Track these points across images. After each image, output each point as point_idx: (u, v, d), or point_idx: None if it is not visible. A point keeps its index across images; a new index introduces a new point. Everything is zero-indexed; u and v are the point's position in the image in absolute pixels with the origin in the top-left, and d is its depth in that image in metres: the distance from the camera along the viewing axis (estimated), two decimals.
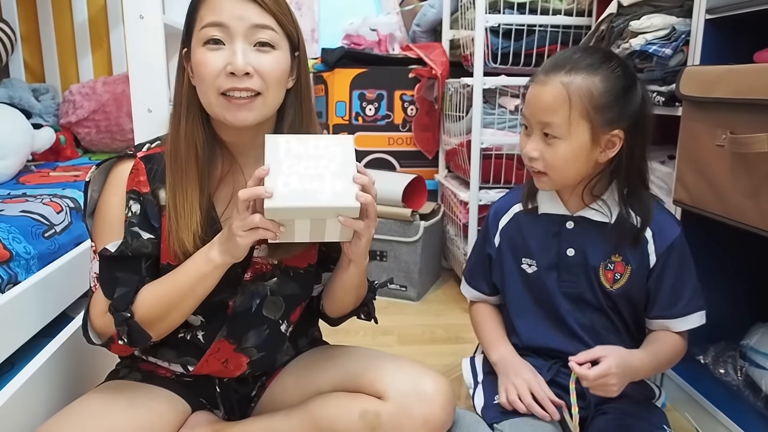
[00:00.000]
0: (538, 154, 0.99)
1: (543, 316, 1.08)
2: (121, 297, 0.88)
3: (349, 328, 1.83)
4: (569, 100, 0.94)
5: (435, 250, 2.30)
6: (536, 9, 2.00)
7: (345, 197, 0.79)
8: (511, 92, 2.05)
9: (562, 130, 0.96)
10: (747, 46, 1.22)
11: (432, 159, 2.54)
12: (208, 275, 0.87)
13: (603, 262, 1.04)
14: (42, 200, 1.29)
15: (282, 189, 0.78)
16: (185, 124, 0.90)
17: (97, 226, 0.92)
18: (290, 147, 0.82)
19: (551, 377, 1.05)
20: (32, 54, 2.31)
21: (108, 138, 2.08)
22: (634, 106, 0.98)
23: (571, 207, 1.06)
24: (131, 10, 1.57)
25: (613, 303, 1.05)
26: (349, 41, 2.71)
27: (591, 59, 0.97)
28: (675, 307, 1.04)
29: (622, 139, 0.97)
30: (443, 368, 1.54)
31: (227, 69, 0.85)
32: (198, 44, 0.86)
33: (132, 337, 0.88)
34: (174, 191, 0.89)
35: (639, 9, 1.46)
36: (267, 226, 0.80)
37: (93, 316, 0.92)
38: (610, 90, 0.95)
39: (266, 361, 1.02)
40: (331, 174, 0.80)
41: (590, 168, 1.00)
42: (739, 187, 1.09)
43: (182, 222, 0.88)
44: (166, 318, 0.89)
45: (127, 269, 0.90)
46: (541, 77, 0.99)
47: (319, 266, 1.04)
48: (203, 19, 0.86)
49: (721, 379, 1.33)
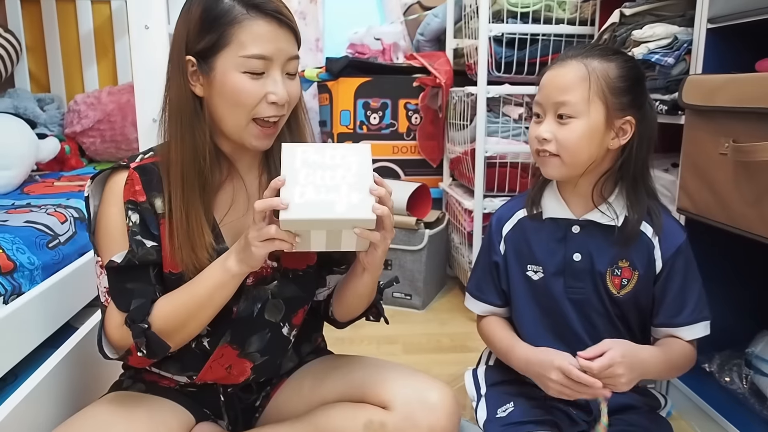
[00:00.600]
0: (551, 136, 0.98)
1: (549, 324, 1.07)
2: (137, 308, 0.88)
3: (354, 338, 1.84)
4: (588, 79, 0.96)
5: (440, 259, 2.29)
6: (539, 18, 2.01)
7: (361, 209, 0.79)
8: (515, 101, 2.05)
9: (579, 107, 0.96)
10: (749, 55, 1.22)
11: (436, 167, 2.54)
12: (225, 284, 0.88)
13: (610, 268, 1.03)
14: (46, 210, 1.29)
15: (297, 200, 0.78)
16: (190, 137, 0.89)
17: (100, 240, 0.92)
18: (307, 156, 0.82)
19: None
20: (37, 64, 2.33)
21: (113, 147, 2.10)
22: (643, 99, 1.01)
23: (577, 211, 1.05)
24: (136, 20, 1.58)
25: (620, 310, 1.04)
26: (354, 50, 2.72)
27: (605, 50, 1.01)
28: (681, 314, 1.03)
29: (634, 126, 0.98)
30: (448, 377, 1.53)
31: (269, 98, 0.87)
32: (235, 69, 0.86)
33: (151, 348, 0.88)
34: (186, 209, 0.88)
35: (641, 18, 1.47)
36: (283, 236, 0.80)
37: (109, 330, 0.91)
38: (625, 76, 0.98)
39: (270, 366, 1.02)
40: (347, 185, 0.80)
41: (601, 154, 0.99)
42: (743, 195, 1.09)
43: (197, 241, 0.89)
44: (184, 328, 0.90)
45: (136, 279, 0.90)
46: (557, 62, 1.01)
47: (320, 267, 1.04)
48: (246, 47, 0.85)
49: (726, 387, 1.33)
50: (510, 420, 1.01)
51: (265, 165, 0.99)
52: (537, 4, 1.98)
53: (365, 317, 1.07)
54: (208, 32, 0.86)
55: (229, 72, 0.86)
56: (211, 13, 0.86)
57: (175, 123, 0.90)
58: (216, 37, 0.85)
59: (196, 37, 0.87)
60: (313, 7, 2.84)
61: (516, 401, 1.04)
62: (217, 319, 0.94)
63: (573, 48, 1.05)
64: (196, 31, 0.86)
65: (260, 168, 0.99)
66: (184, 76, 0.88)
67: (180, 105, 0.89)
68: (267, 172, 0.99)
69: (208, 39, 0.86)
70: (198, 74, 0.88)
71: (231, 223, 0.95)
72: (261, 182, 0.98)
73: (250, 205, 0.96)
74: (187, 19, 0.88)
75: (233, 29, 0.85)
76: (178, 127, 0.89)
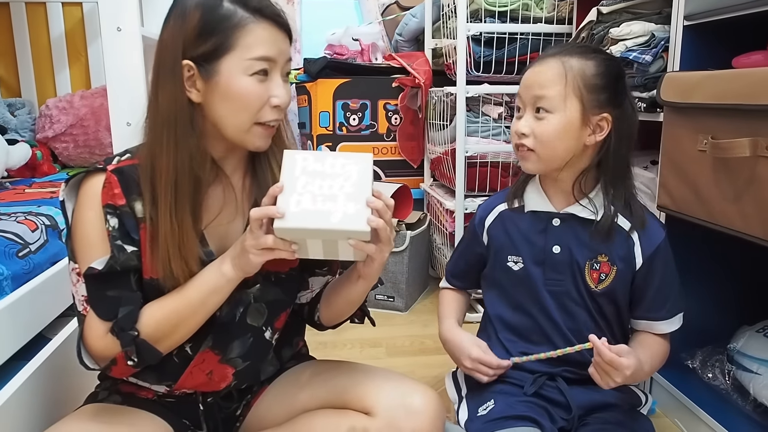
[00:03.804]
0: (529, 130, 1.01)
1: (528, 314, 1.08)
2: (126, 316, 0.86)
3: (337, 341, 1.83)
4: (565, 76, 0.99)
5: (422, 260, 2.29)
6: (517, 17, 2.01)
7: (356, 221, 0.78)
8: (494, 100, 2.05)
9: (556, 102, 0.99)
10: (725, 52, 1.23)
11: (417, 168, 2.53)
12: (220, 289, 0.87)
13: (589, 261, 1.04)
14: (16, 218, 1.26)
15: (293, 209, 0.77)
16: (184, 145, 0.86)
17: (77, 245, 0.89)
18: (307, 164, 0.82)
19: (535, 390, 1.05)
20: (7, 68, 2.28)
21: (87, 152, 2.05)
22: (622, 97, 1.03)
23: (558, 205, 1.07)
24: (108, 22, 1.55)
25: (597, 303, 1.06)
26: (332, 51, 2.70)
27: (585, 48, 1.05)
28: (662, 309, 1.06)
29: (610, 125, 1.00)
30: (433, 380, 1.52)
31: (272, 102, 0.88)
32: (242, 72, 0.85)
33: (142, 356, 0.86)
34: (178, 220, 0.86)
35: (618, 16, 1.47)
36: (280, 246, 0.80)
37: (90, 340, 0.88)
38: (602, 74, 1.00)
39: (252, 371, 1.00)
40: (345, 195, 0.79)
41: (579, 149, 1.02)
42: (722, 191, 1.09)
43: (189, 252, 0.87)
44: (174, 334, 0.88)
45: (118, 286, 0.87)
46: (538, 60, 1.04)
47: (303, 270, 1.02)
48: (252, 50, 0.84)
49: (709, 383, 1.33)
50: (491, 417, 1.02)
51: (250, 165, 0.98)
52: (514, 3, 1.99)
53: (350, 320, 1.06)
54: (210, 36, 0.84)
55: (235, 75, 0.85)
56: (211, 17, 0.84)
57: (168, 131, 0.86)
58: (220, 41, 0.84)
59: (194, 42, 0.84)
60: (289, 8, 2.82)
61: (496, 398, 1.05)
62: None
63: (554, 47, 1.07)
64: (195, 35, 0.84)
65: (245, 168, 0.98)
66: (179, 83, 0.85)
67: (175, 112, 0.86)
68: (252, 173, 0.97)
69: (210, 43, 0.84)
70: (195, 79, 0.86)
71: (216, 226, 0.93)
72: (245, 184, 0.97)
73: (236, 207, 0.95)
74: (181, 25, 0.85)
75: (238, 32, 0.84)
76: (171, 135, 0.86)
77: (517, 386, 1.05)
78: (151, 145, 0.88)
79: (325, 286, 1.05)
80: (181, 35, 0.85)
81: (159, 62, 0.87)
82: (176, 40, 0.85)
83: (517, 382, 1.07)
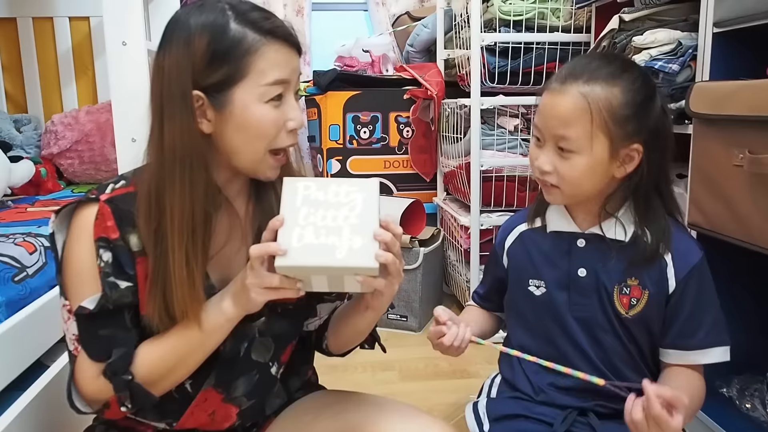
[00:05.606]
0: (552, 168, 0.93)
1: (552, 341, 1.01)
2: (119, 358, 0.81)
3: (348, 364, 1.77)
4: (590, 112, 0.89)
5: (436, 277, 2.22)
6: (533, 26, 1.96)
7: (362, 256, 0.72)
8: (510, 112, 1.99)
9: (581, 143, 0.90)
10: (757, 61, 1.17)
11: (430, 181, 2.48)
12: (220, 328, 0.82)
13: (618, 285, 0.97)
14: (14, 240, 1.22)
15: (295, 244, 0.72)
16: (200, 180, 0.80)
17: (68, 281, 0.83)
18: (309, 193, 0.76)
19: (566, 428, 0.97)
20: (14, 84, 2.27)
21: (92, 169, 2.02)
22: (654, 119, 0.93)
23: (583, 225, 1.01)
24: (113, 36, 1.53)
25: (629, 331, 0.98)
26: (342, 63, 2.66)
27: (610, 68, 0.92)
28: (694, 337, 0.97)
29: (641, 153, 0.92)
30: (448, 407, 1.45)
31: (288, 126, 0.83)
32: (258, 100, 0.80)
33: (135, 402, 0.81)
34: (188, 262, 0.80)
35: (642, 24, 1.42)
36: (285, 285, 0.75)
37: (81, 383, 0.83)
38: (631, 101, 0.90)
39: (257, 409, 0.95)
40: (350, 227, 0.74)
41: (606, 183, 0.95)
42: (760, 209, 1.03)
43: (198, 294, 0.81)
44: (171, 375, 0.83)
45: (111, 325, 0.82)
46: (556, 86, 0.93)
47: (310, 297, 0.97)
48: (266, 75, 0.79)
49: (747, 414, 1.26)
50: None
51: (253, 190, 0.92)
52: (530, 11, 1.94)
53: (360, 346, 1.01)
54: (222, 65, 0.78)
55: (249, 104, 0.80)
56: (220, 44, 0.78)
57: (180, 167, 0.79)
58: (232, 70, 0.78)
59: (204, 71, 0.78)
60: (299, 20, 2.80)
61: None
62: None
63: (575, 65, 0.95)
64: (204, 64, 0.78)
65: (248, 193, 0.92)
66: (190, 115, 0.79)
67: (189, 147, 0.79)
68: (255, 197, 0.92)
69: (221, 72, 0.78)
70: (205, 109, 0.80)
71: (219, 256, 0.87)
72: (248, 210, 0.92)
73: (241, 236, 0.89)
74: (187, 52, 0.78)
75: (250, 58, 0.78)
76: (186, 172, 0.79)
77: (545, 423, 0.98)
78: (157, 179, 0.81)
79: (333, 312, 1.00)
80: (188, 64, 0.78)
81: (163, 92, 0.80)
82: (183, 69, 0.78)
83: (546, 419, 0.99)
